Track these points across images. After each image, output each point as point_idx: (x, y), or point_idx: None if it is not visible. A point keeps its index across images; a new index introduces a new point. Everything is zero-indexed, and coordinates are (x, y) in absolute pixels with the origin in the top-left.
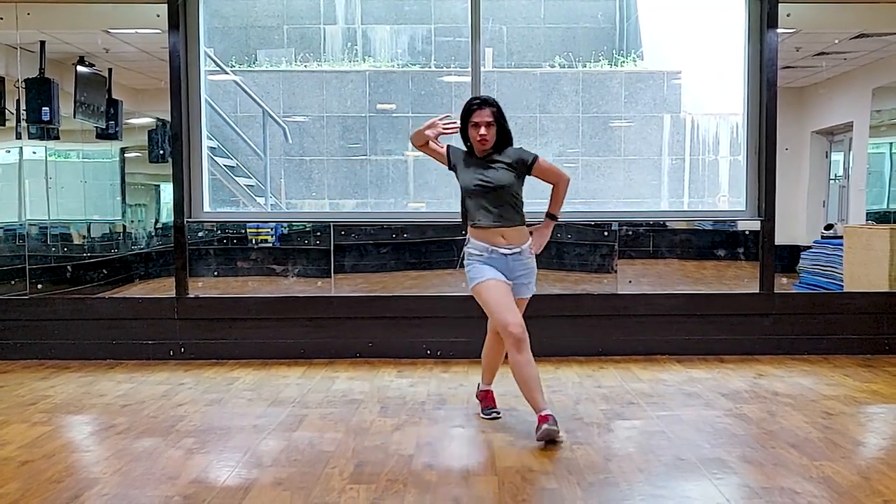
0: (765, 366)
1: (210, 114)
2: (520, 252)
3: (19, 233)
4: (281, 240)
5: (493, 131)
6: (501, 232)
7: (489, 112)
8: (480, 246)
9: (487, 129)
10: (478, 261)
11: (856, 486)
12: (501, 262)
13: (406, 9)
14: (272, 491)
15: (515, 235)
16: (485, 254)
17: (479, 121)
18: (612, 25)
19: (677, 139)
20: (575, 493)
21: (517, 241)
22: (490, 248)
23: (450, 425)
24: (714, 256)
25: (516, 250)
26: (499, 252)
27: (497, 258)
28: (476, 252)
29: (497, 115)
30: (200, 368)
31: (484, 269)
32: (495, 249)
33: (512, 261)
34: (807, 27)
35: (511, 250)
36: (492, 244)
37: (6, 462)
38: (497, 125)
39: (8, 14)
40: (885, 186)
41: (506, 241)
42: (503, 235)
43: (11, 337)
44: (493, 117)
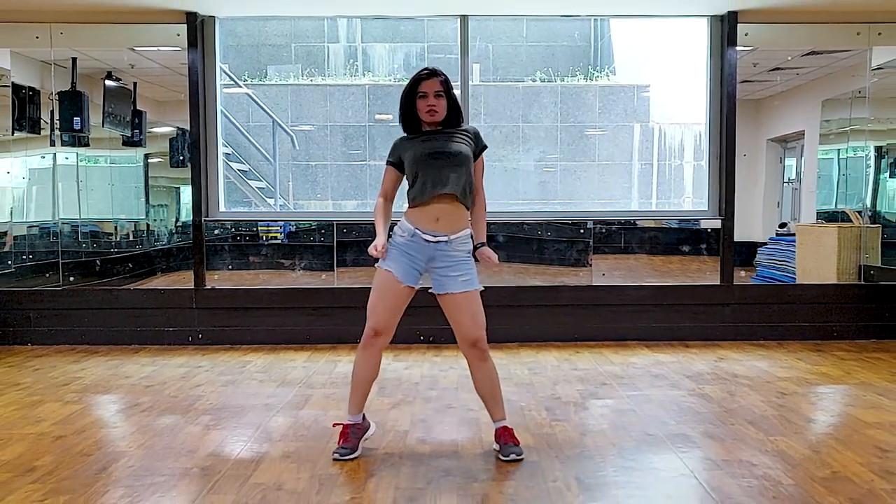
0: (725, 350)
1: (225, 123)
2: (447, 241)
3: (53, 230)
4: (289, 237)
5: (443, 103)
6: (439, 211)
7: (438, 82)
8: (405, 227)
9: (437, 99)
10: (395, 243)
11: (807, 458)
12: (421, 249)
13: (402, 29)
14: (281, 463)
15: (451, 220)
16: (405, 236)
17: (428, 90)
18: (587, 44)
19: (646, 146)
20: (554, 465)
21: (448, 228)
22: (414, 230)
23: (441, 404)
24: (679, 252)
25: (443, 238)
26: (421, 238)
27: (417, 244)
28: (399, 232)
29: (446, 85)
30: (216, 353)
31: (393, 254)
32: (418, 233)
33: (434, 249)
34: (763, 45)
35: (436, 237)
36: (418, 226)
37: (41, 437)
38: (447, 98)
39: (43, 33)
40: (833, 189)
41: (437, 224)
42: (438, 217)
43: (46, 324)
44: (443, 87)
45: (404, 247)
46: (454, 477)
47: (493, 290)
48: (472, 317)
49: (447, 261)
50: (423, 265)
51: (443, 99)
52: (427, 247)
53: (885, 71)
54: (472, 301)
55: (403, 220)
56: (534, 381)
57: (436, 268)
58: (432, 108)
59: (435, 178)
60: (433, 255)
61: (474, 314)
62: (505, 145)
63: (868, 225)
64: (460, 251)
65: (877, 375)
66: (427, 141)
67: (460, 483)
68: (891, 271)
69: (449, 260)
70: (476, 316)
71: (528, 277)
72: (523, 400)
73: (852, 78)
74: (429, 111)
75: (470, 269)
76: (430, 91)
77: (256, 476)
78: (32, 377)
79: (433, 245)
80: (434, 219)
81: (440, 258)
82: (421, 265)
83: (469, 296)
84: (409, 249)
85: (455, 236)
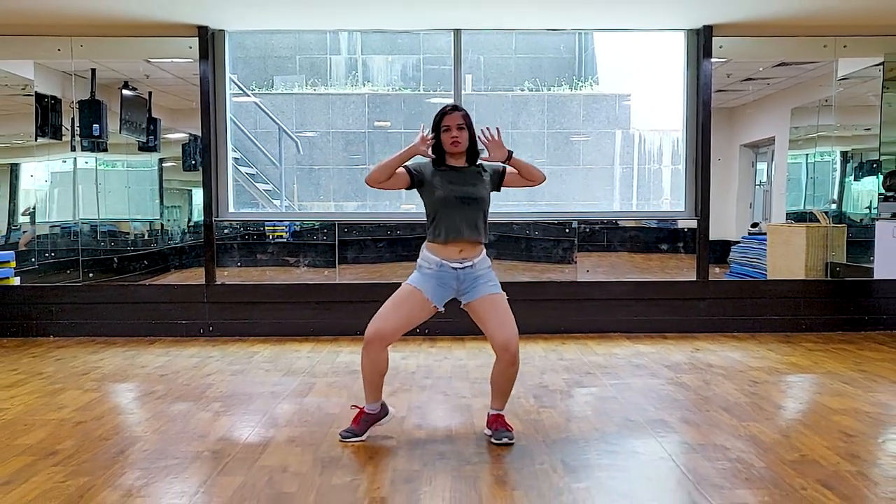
0: (701, 342)
1: (234, 130)
2: (471, 265)
3: (73, 230)
4: (293, 236)
5: (465, 135)
6: (461, 246)
7: (460, 116)
8: (431, 259)
9: (459, 131)
10: (422, 273)
11: (777, 442)
12: (450, 276)
13: (399, 42)
14: (286, 447)
15: (473, 251)
16: (434, 267)
17: (451, 124)
18: (572, 55)
19: (627, 151)
20: (541, 448)
21: (471, 256)
22: (440, 261)
23: (436, 392)
24: (658, 250)
25: (468, 264)
26: (449, 266)
27: (447, 273)
28: (426, 265)
29: (467, 119)
30: (226, 344)
31: (424, 280)
32: (445, 263)
33: (463, 274)
34: (736, 57)
35: (462, 264)
36: (444, 257)
37: (63, 423)
38: (468, 131)
39: (64, 46)
40: (801, 191)
41: (460, 255)
42: (461, 250)
43: (67, 317)
44: (464, 121)
45: (434, 277)
46: (448, 460)
47: None
48: (502, 318)
49: (473, 278)
50: (455, 289)
51: (465, 131)
52: (454, 273)
53: (850, 81)
54: (500, 303)
55: (427, 252)
56: (523, 370)
57: (465, 288)
58: (455, 140)
59: (461, 223)
60: (462, 277)
61: (503, 315)
62: None
63: (834, 225)
64: (483, 268)
65: (842, 365)
66: (454, 183)
67: (454, 465)
68: (855, 268)
69: (475, 277)
70: (505, 318)
71: (517, 273)
72: (513, 388)
73: (819, 87)
74: (453, 142)
75: (493, 277)
76: (452, 124)
77: (263, 459)
78: (54, 367)
79: (460, 271)
80: (457, 252)
81: (468, 279)
82: (452, 290)
83: (496, 297)
84: (440, 280)
85: (477, 259)
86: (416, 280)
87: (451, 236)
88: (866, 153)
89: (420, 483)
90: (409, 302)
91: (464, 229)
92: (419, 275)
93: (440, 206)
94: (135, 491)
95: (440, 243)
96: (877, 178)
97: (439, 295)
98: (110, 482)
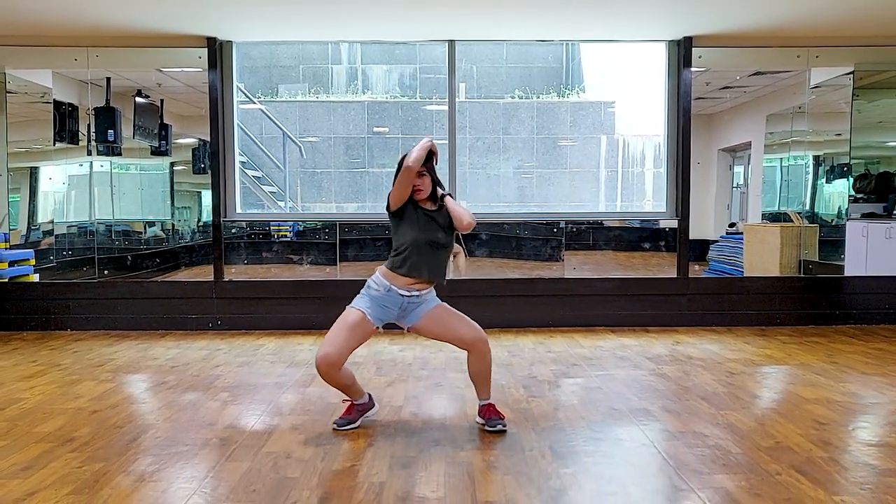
0: (681, 335)
1: (241, 135)
2: (418, 296)
3: (90, 230)
4: (297, 235)
5: (427, 181)
6: (416, 281)
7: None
8: (382, 283)
9: (420, 178)
10: (370, 294)
11: (753, 430)
12: (395, 301)
13: (397, 52)
14: (290, 434)
15: (425, 286)
16: (381, 291)
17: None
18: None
19: (612, 155)
20: (530, 436)
21: (422, 290)
22: (389, 286)
23: (431, 382)
24: (641, 248)
25: (415, 293)
26: (397, 293)
27: (392, 298)
28: (374, 286)
29: (428, 167)
30: (233, 337)
31: (369, 303)
32: (394, 289)
33: (407, 302)
34: (714, 66)
35: (410, 293)
36: (395, 285)
37: (79, 412)
38: (429, 176)
39: (81, 56)
40: (776, 193)
41: (412, 287)
42: (414, 284)
43: (83, 312)
44: (423, 168)
45: (379, 299)
46: (443, 446)
47: (477, 283)
48: (461, 321)
49: (415, 305)
50: (395, 313)
51: (426, 177)
52: (400, 299)
53: (822, 89)
54: (447, 310)
55: (379, 276)
56: (513, 362)
57: (405, 313)
58: (418, 188)
59: (426, 265)
60: (406, 305)
61: (460, 318)
62: (487, 154)
63: (807, 225)
64: (427, 297)
65: (815, 357)
66: (426, 228)
67: (448, 452)
68: (827, 265)
69: (417, 304)
70: (462, 318)
71: (508, 271)
72: (503, 379)
73: (793, 95)
74: (416, 191)
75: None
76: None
77: (268, 446)
78: (71, 359)
79: (406, 298)
80: (412, 283)
81: (410, 307)
82: (393, 314)
83: (440, 309)
84: (384, 302)
85: (426, 292)
86: (362, 304)
87: (414, 274)
88: (837, 157)
89: (416, 468)
90: (355, 329)
91: (427, 271)
92: (366, 297)
93: (411, 246)
94: (147, 476)
95: (400, 275)
96: (847, 180)
97: (381, 316)
98: (124, 468)
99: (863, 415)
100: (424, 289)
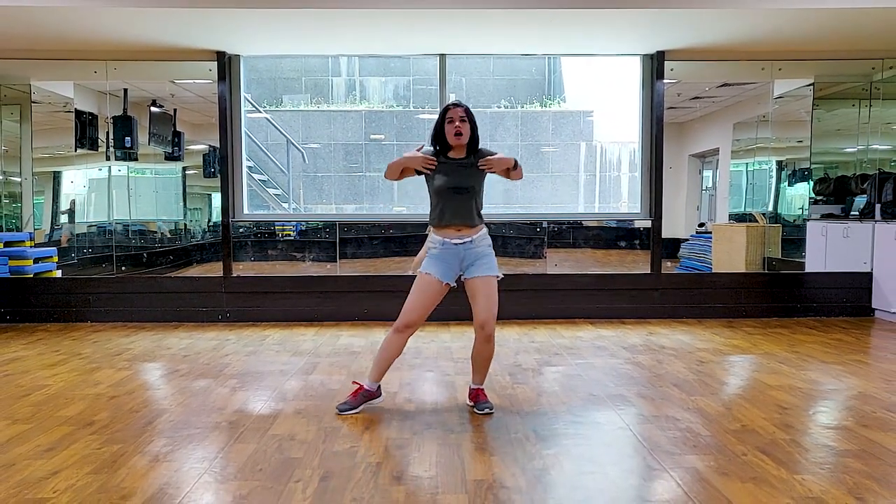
0: (655, 326)
1: (248, 142)
2: (471, 241)
3: (108, 229)
4: (300, 234)
5: (467, 127)
6: (458, 229)
7: (462, 110)
8: (436, 239)
9: (461, 123)
10: (431, 254)
11: (721, 414)
12: (453, 253)
13: (392, 65)
14: (294, 418)
15: (469, 231)
16: (438, 247)
17: (454, 116)
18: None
19: (590, 160)
20: (515, 420)
21: (469, 234)
22: (443, 240)
23: (423, 370)
24: (617, 246)
25: (467, 240)
26: (451, 243)
27: (449, 249)
28: (432, 245)
29: (469, 114)
30: (241, 329)
31: (432, 262)
32: (447, 241)
33: (463, 250)
34: (685, 78)
35: (462, 240)
36: (445, 237)
37: (99, 397)
38: (469, 124)
39: (100, 69)
40: (742, 195)
41: (459, 234)
42: (459, 230)
43: (103, 305)
44: (466, 115)
45: (439, 256)
46: (434, 429)
47: None
48: (486, 300)
49: (475, 256)
50: (458, 266)
51: (466, 123)
52: (457, 249)
53: (785, 99)
54: (488, 285)
55: (433, 235)
56: (499, 351)
57: (466, 263)
58: (458, 130)
59: (454, 210)
60: (463, 254)
61: (488, 298)
62: None
63: (771, 224)
64: (483, 245)
65: (778, 347)
66: (450, 175)
67: (440, 434)
68: (789, 262)
69: (475, 254)
70: (489, 300)
71: None
72: (490, 367)
73: (758, 105)
74: (455, 133)
75: (491, 259)
76: (455, 116)
77: (274, 429)
78: (91, 348)
79: (461, 246)
80: (456, 231)
81: (469, 256)
82: (456, 267)
83: (487, 280)
84: (444, 256)
85: (476, 236)
86: (427, 266)
87: (445, 221)
88: (799, 162)
89: (410, 450)
90: (426, 290)
91: (456, 215)
92: (429, 259)
93: (438, 196)
94: (161, 456)
95: (440, 226)
96: (808, 183)
97: (448, 273)
98: (140, 449)
99: (822, 400)
100: (472, 233)
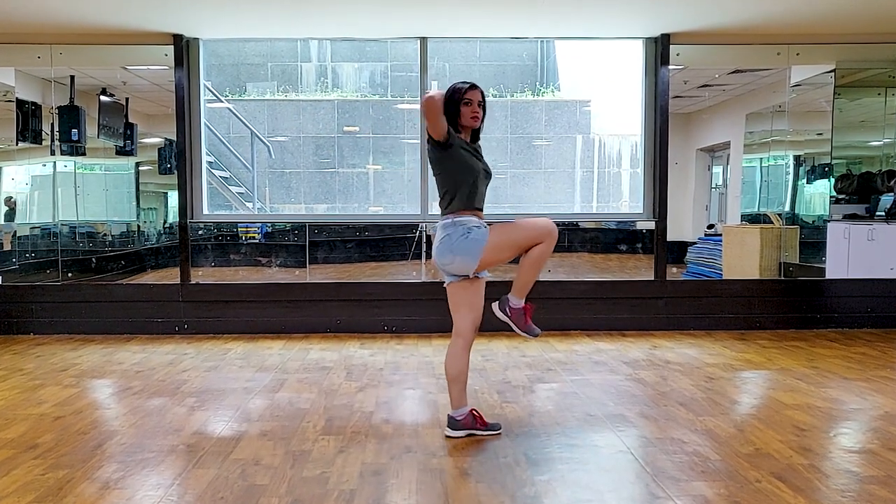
0: (658, 339)
1: (208, 135)
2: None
3: (53, 231)
4: (266, 237)
5: (481, 113)
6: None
7: (481, 94)
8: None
9: (479, 108)
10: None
11: (732, 436)
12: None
13: (367, 49)
14: (258, 441)
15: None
16: (482, 227)
17: (474, 99)
18: (534, 63)
19: (587, 155)
20: (504, 442)
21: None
22: (480, 222)
23: (403, 388)
24: (617, 250)
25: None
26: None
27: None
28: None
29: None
30: (200, 341)
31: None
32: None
33: None
34: (693, 64)
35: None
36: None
37: (42, 417)
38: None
39: (44, 53)
40: (756, 194)
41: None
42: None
43: (47, 315)
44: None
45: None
46: (415, 453)
47: None
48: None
49: None
50: None
51: (481, 109)
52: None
53: (803, 87)
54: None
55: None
56: (486, 366)
57: None
58: (477, 115)
59: (482, 194)
60: None
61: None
62: None
63: (787, 226)
64: None
65: (795, 362)
66: (479, 158)
67: (420, 459)
68: (807, 268)
69: None
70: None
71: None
72: (477, 384)
73: (773, 94)
74: (474, 117)
75: None
76: (475, 99)
77: (236, 452)
78: (34, 363)
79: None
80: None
81: None
82: None
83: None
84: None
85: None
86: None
87: (476, 203)
88: (818, 157)
89: (387, 476)
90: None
91: (482, 199)
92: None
93: (471, 175)
94: (112, 483)
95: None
96: (828, 181)
97: None
98: (88, 475)
99: (844, 421)
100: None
